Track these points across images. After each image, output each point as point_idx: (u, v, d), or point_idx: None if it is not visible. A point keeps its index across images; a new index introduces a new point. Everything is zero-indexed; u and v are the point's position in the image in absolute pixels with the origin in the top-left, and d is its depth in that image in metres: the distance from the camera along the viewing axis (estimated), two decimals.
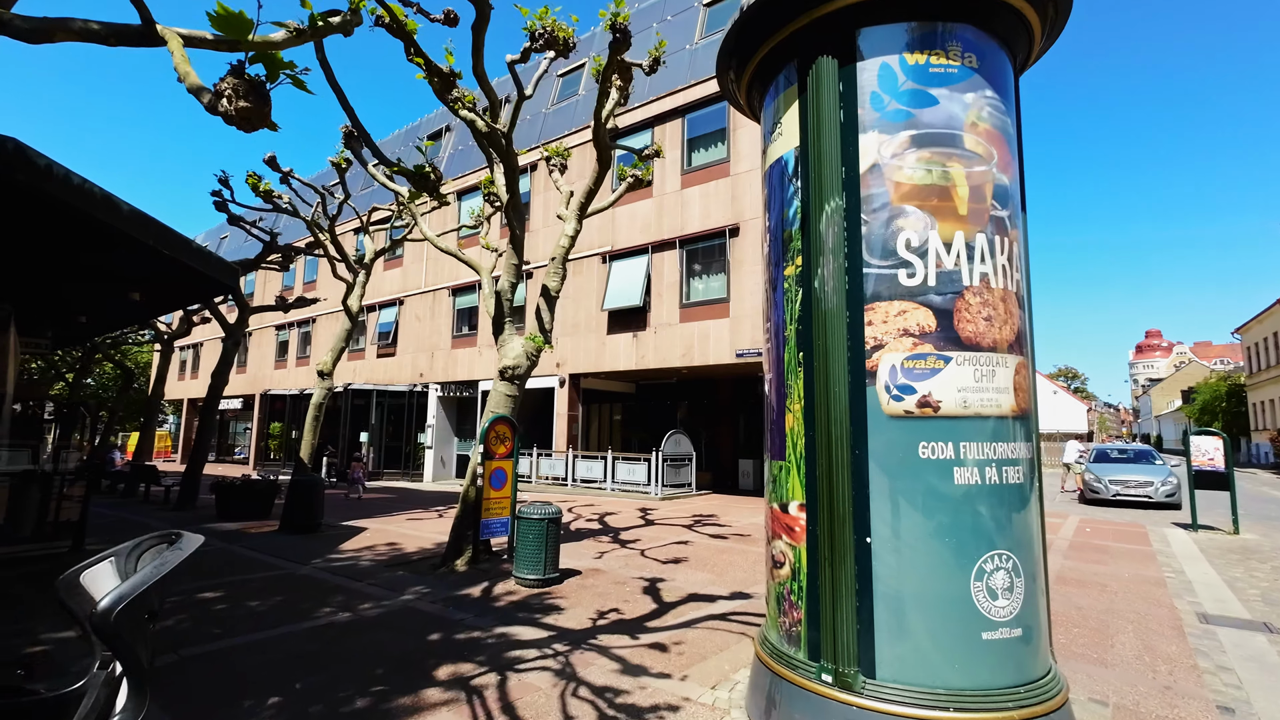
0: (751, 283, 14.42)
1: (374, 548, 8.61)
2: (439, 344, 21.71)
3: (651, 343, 16.03)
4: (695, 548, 8.73)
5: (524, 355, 8.01)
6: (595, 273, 17.58)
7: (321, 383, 10.69)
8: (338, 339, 11.00)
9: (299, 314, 28.51)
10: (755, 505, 14.02)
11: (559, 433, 17.68)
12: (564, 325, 18.05)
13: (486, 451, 7.49)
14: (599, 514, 12.30)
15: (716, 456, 18.80)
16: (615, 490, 15.98)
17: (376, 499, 15.25)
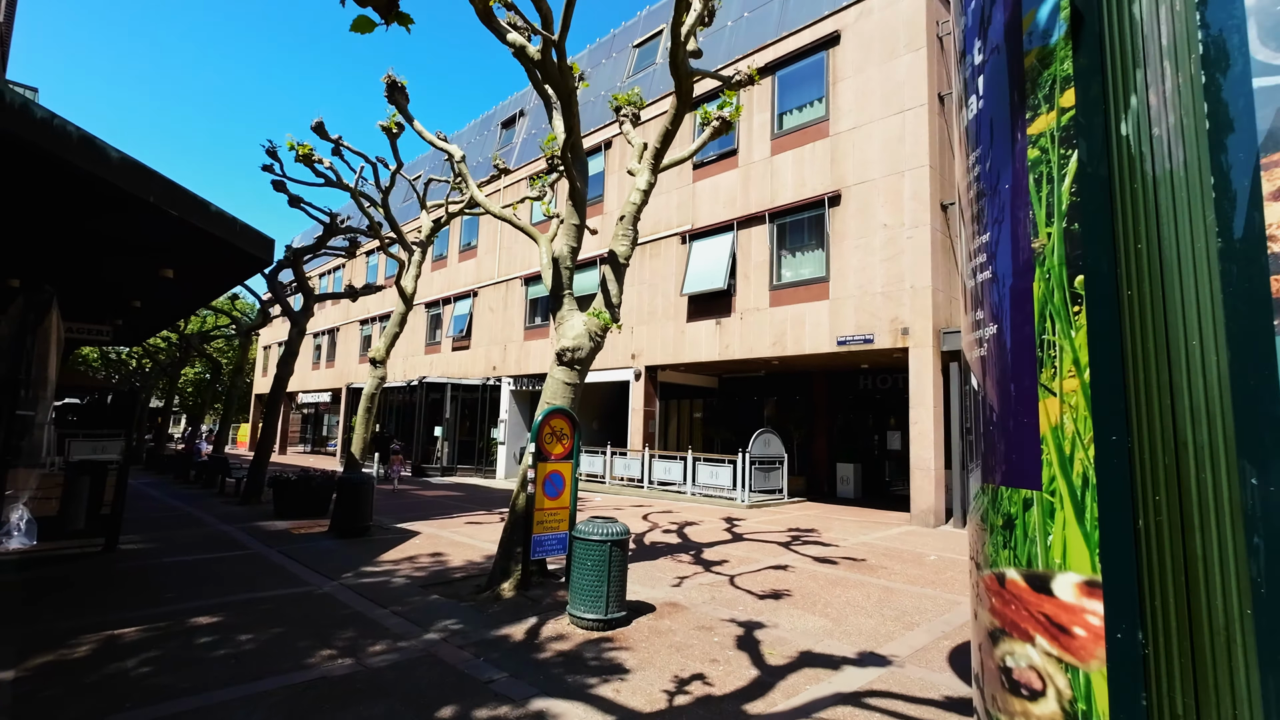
0: (857, 258, 12.36)
1: (416, 559, 7.44)
2: (511, 336, 20.87)
3: (737, 331, 14.27)
4: (798, 576, 6.97)
5: (586, 335, 6.56)
6: (673, 254, 16.00)
7: (374, 371, 9.75)
8: (391, 323, 10.04)
9: (379, 308, 28.75)
10: (860, 518, 11.98)
11: (634, 430, 16.26)
12: (639, 313, 16.60)
13: (539, 451, 6.09)
14: (677, 524, 10.73)
15: (810, 460, 16.75)
16: (696, 495, 14.35)
17: (441, 496, 14.42)
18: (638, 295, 16.72)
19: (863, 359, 13.75)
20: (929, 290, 11.29)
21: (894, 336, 11.66)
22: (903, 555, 8.37)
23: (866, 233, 12.29)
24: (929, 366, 11.17)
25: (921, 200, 11.59)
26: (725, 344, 14.49)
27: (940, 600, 6.15)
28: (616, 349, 17.03)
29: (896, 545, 9.11)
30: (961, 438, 11.16)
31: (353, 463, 9.56)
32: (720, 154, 15.27)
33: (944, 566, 7.73)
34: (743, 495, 13.45)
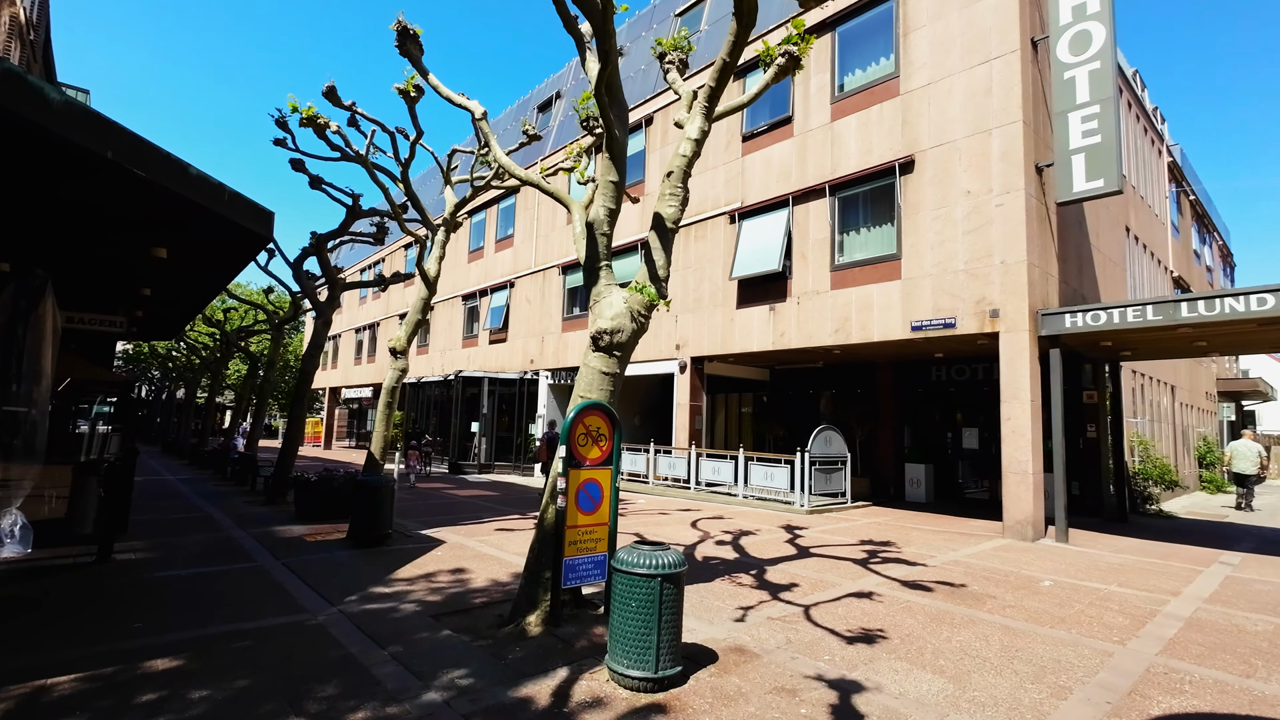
0: (935, 232, 10.85)
1: (434, 577, 6.45)
2: (549, 327, 19.93)
3: (793, 317, 12.90)
4: (889, 608, 5.68)
5: (627, 314, 5.41)
6: (721, 235, 14.70)
7: (394, 363, 8.85)
8: (413, 310, 9.11)
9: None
10: (941, 528, 10.51)
11: (679, 427, 15.08)
12: (683, 300, 15.37)
13: (571, 455, 4.98)
14: (731, 532, 9.51)
15: (874, 460, 15.24)
16: (749, 499, 13.08)
17: (474, 497, 13.55)
18: (682, 281, 15.49)
19: (939, 347, 12.20)
20: (1023, 266, 9.72)
21: (981, 320, 10.13)
22: (1009, 579, 6.96)
23: (946, 202, 10.75)
24: (1024, 354, 9.61)
25: (1013, 161, 10.00)
26: (780, 332, 13.14)
27: (1084, 649, 4.77)
28: (660, 339, 15.85)
29: (996, 565, 7.68)
30: (1065, 436, 9.59)
31: (372, 463, 8.68)
32: (772, 123, 13.87)
33: (1066, 596, 6.30)
34: (802, 499, 12.11)
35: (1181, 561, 8.31)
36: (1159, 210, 18.38)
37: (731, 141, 14.78)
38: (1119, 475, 12.34)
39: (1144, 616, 5.71)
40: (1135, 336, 9.78)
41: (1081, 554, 8.58)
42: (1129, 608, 5.97)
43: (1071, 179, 9.91)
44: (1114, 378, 12.67)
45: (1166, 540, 10.09)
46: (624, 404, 18.53)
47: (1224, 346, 10.58)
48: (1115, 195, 9.67)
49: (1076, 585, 6.78)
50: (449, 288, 26.06)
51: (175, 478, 16.78)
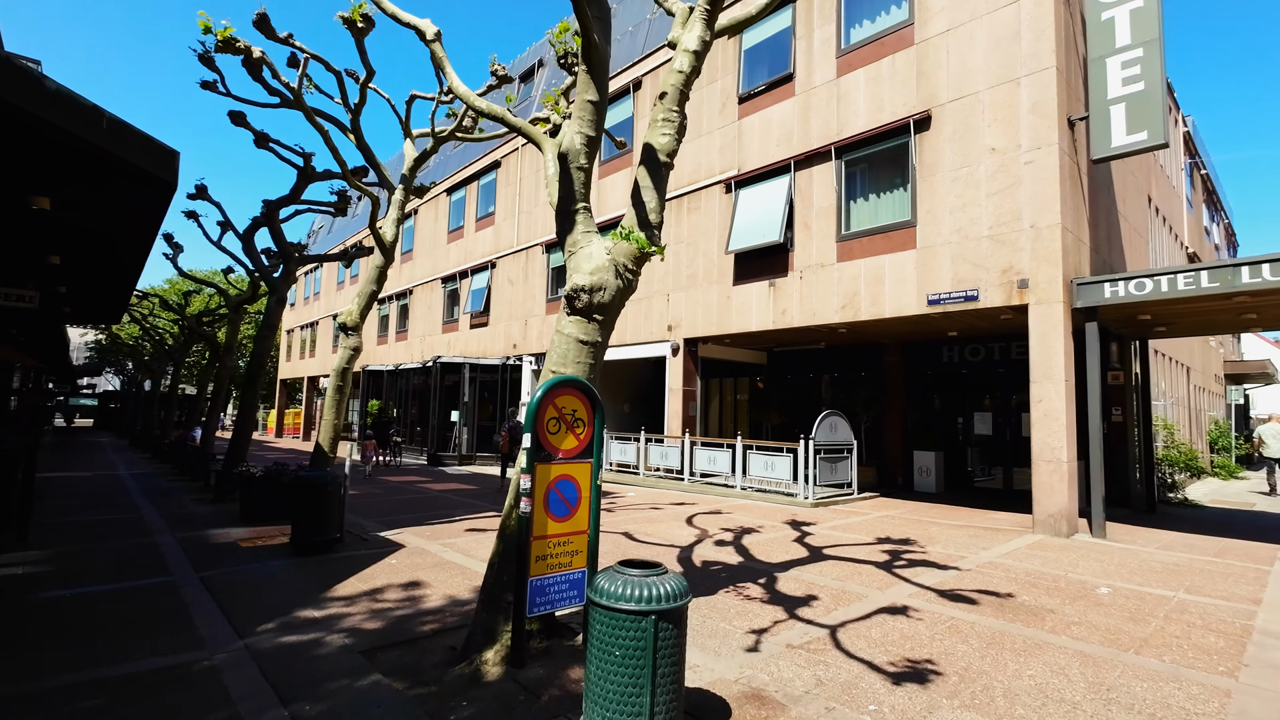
0: (955, 195, 9.78)
1: (381, 594, 5.35)
2: (533, 310, 18.75)
3: (795, 293, 11.82)
4: (931, 628, 4.65)
5: (610, 268, 4.30)
6: (716, 206, 13.56)
7: (345, 341, 7.68)
8: (365, 280, 7.92)
9: (395, 285, 26.98)
10: (961, 522, 9.53)
11: (671, 413, 14.00)
12: (676, 277, 14.24)
13: (538, 446, 3.88)
14: (732, 530, 8.47)
15: (880, 447, 14.26)
16: (748, 490, 12.05)
17: (449, 491, 12.42)
18: (674, 256, 14.36)
19: (956, 324, 11.18)
20: (1057, 230, 8.68)
21: (1007, 291, 9.09)
22: (1060, 586, 5.96)
23: (968, 161, 9.68)
24: (1058, 328, 8.60)
25: (1045, 114, 8.93)
26: (781, 309, 12.06)
27: (1191, 686, 3.76)
28: (650, 319, 14.74)
29: (1038, 568, 6.68)
30: (1104, 420, 8.60)
31: (320, 457, 7.53)
32: (771, 81, 12.71)
33: (1135, 608, 5.30)
34: (806, 491, 11.10)
35: (1240, 560, 7.36)
36: (1176, 183, 17.44)
37: (727, 104, 13.60)
38: (1147, 463, 11.43)
39: (1237, 634, 4.72)
40: (1181, 308, 8.79)
41: (1127, 551, 7.61)
42: (1214, 623, 4.98)
43: (1110, 132, 8.86)
44: (1142, 357, 11.72)
45: (1208, 534, 9.17)
46: (612, 390, 17.46)
47: (1277, 318, 9.65)
48: (1160, 148, 8.64)
49: (1140, 593, 5.79)
50: (428, 270, 24.78)
51: (130, 472, 15.51)
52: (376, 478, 15.01)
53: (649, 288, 14.85)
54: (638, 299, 15.09)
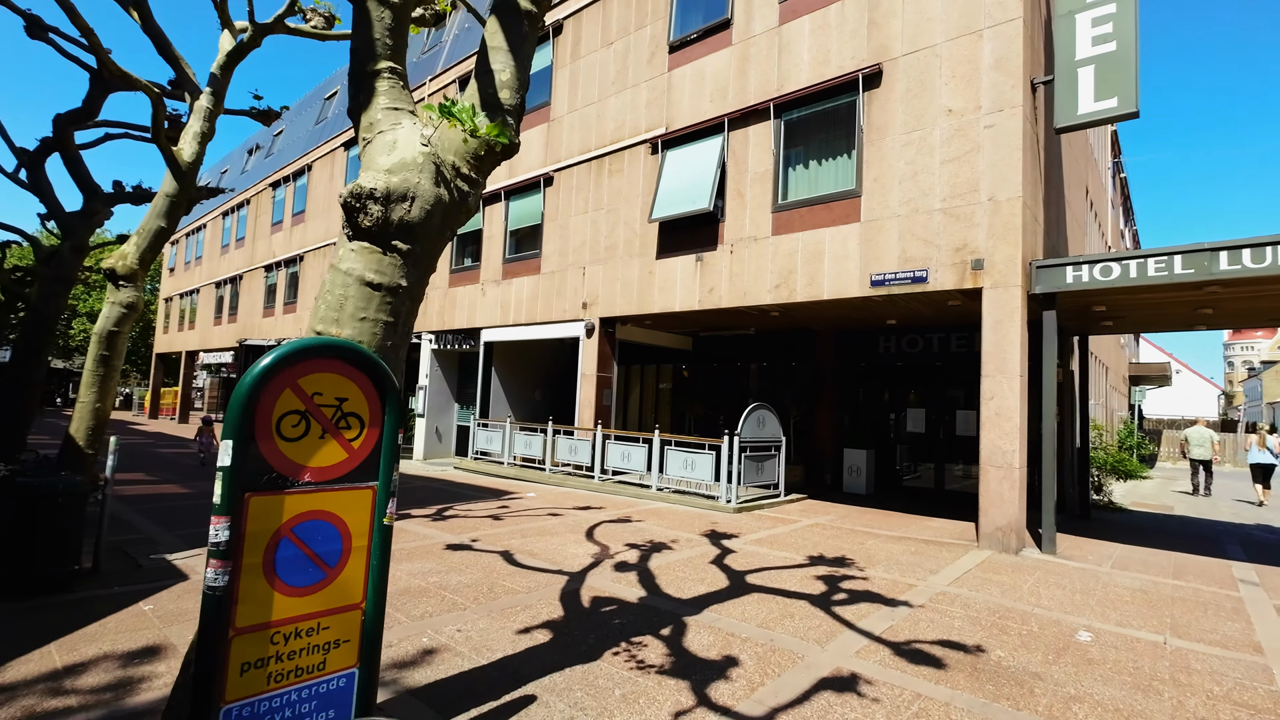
0: (906, 161, 8.59)
1: (83, 672, 3.44)
2: (435, 281, 16.56)
3: (725, 269, 10.42)
4: (893, 714, 3.26)
5: (425, 164, 2.60)
6: (641, 169, 11.96)
7: (114, 295, 5.56)
8: (151, 213, 5.80)
9: (292, 247, 23.91)
10: (895, 530, 8.44)
11: (583, 403, 12.37)
12: (595, 248, 12.56)
13: (250, 459, 2.13)
14: (641, 546, 6.95)
15: (810, 444, 13.18)
16: (665, 491, 10.62)
17: None
18: (592, 224, 12.66)
19: (896, 310, 10.10)
20: (1018, 203, 7.62)
21: (960, 272, 7.99)
22: (1033, 630, 4.77)
23: (921, 123, 8.50)
24: (1015, 316, 7.56)
25: (1009, 70, 7.83)
26: (708, 288, 10.63)
27: None
28: (564, 294, 13.01)
29: (999, 600, 5.53)
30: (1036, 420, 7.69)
31: (72, 453, 5.42)
32: (706, 28, 11.18)
33: (1134, 667, 4.14)
34: (729, 493, 9.77)
35: (1202, 582, 6.54)
36: (1104, 180, 17.34)
37: (656, 52, 11.98)
38: (1082, 466, 10.83)
39: (1270, 707, 3.61)
40: (1141, 298, 7.96)
41: (1084, 573, 6.65)
42: (1232, 689, 3.88)
43: (1077, 97, 7.86)
44: (1081, 353, 11.10)
45: (1152, 545, 8.49)
46: (524, 374, 15.65)
47: (1234, 315, 9.08)
48: (1130, 118, 7.70)
49: (1128, 639, 4.68)
50: (320, 234, 21.92)
51: None
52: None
53: (564, 259, 13.11)
54: (551, 271, 13.32)
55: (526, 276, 13.94)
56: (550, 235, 13.52)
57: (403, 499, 9.77)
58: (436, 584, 5.35)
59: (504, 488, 11.48)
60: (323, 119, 24.23)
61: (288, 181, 24.82)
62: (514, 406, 15.14)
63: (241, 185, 29.38)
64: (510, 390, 15.22)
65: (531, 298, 13.74)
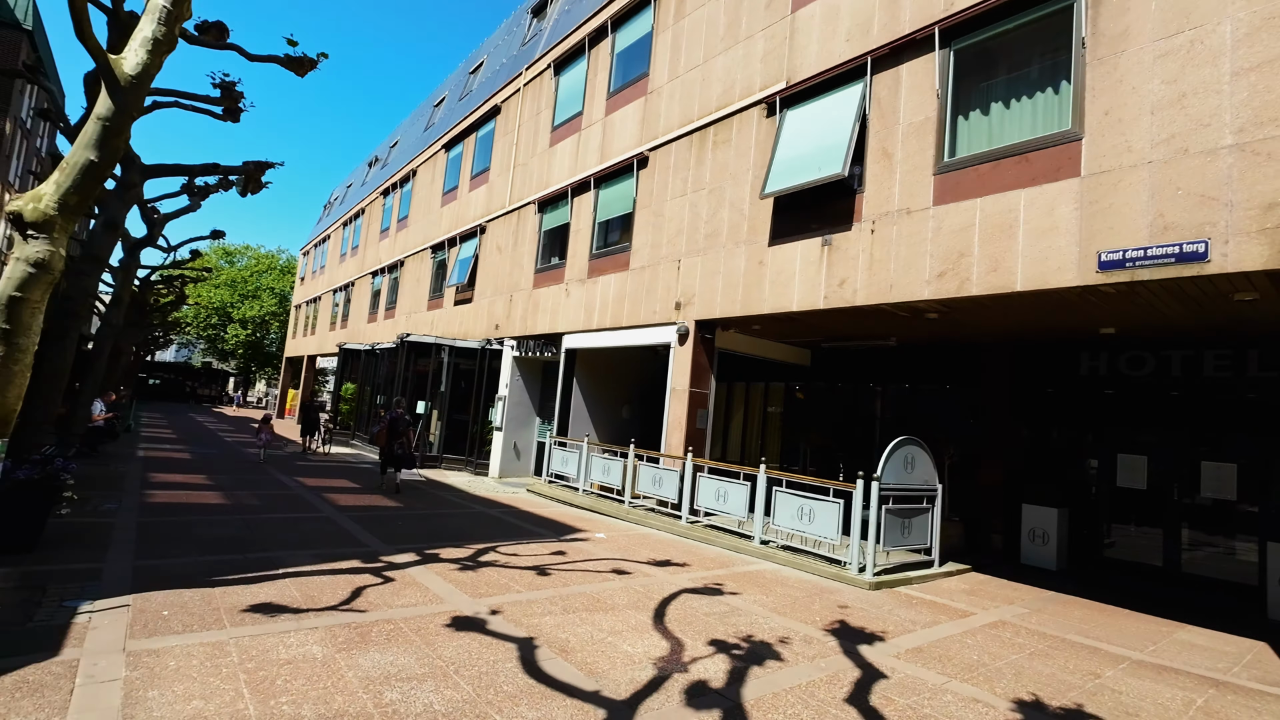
0: (1160, 77, 5.64)
1: None
2: (519, 282, 15.12)
3: (863, 253, 7.81)
4: None
5: None
6: (752, 136, 9.63)
7: (22, 248, 4.09)
8: (82, 141, 4.32)
9: (388, 255, 23.91)
10: (1134, 644, 5.36)
11: (672, 424, 10.11)
12: (692, 235, 10.36)
13: None
14: (737, 645, 4.53)
15: (971, 494, 9.99)
16: (773, 547, 8.07)
17: (376, 509, 8.77)
18: (690, 208, 10.48)
19: (1126, 311, 6.98)
20: None
21: (1274, 243, 4.91)
22: None
23: (1193, 17, 5.53)
24: None
25: None
26: (838, 279, 8.05)
27: None
28: (654, 293, 10.90)
29: None
30: None
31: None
32: None
33: None
34: (861, 558, 7.07)
35: None
36: None
37: None
38: None
39: None
40: None
41: None
42: None
43: None
44: None
45: None
46: (608, 387, 13.68)
47: None
48: None
49: None
50: (420, 238, 21.50)
51: None
52: (263, 463, 13.30)
53: (656, 251, 11.01)
54: (641, 266, 11.27)
55: (614, 274, 11.99)
56: (642, 224, 11.49)
57: (444, 532, 7.98)
58: (389, 707, 3.28)
59: (571, 522, 9.43)
60: (429, 125, 24.13)
61: (395, 189, 24.94)
62: (597, 424, 13.17)
63: (361, 197, 30.30)
64: (594, 405, 13.28)
65: (618, 298, 11.75)
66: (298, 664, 3.71)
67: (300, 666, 3.68)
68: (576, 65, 14.46)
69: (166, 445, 15.81)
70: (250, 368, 55.14)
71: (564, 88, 14.84)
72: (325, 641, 4.08)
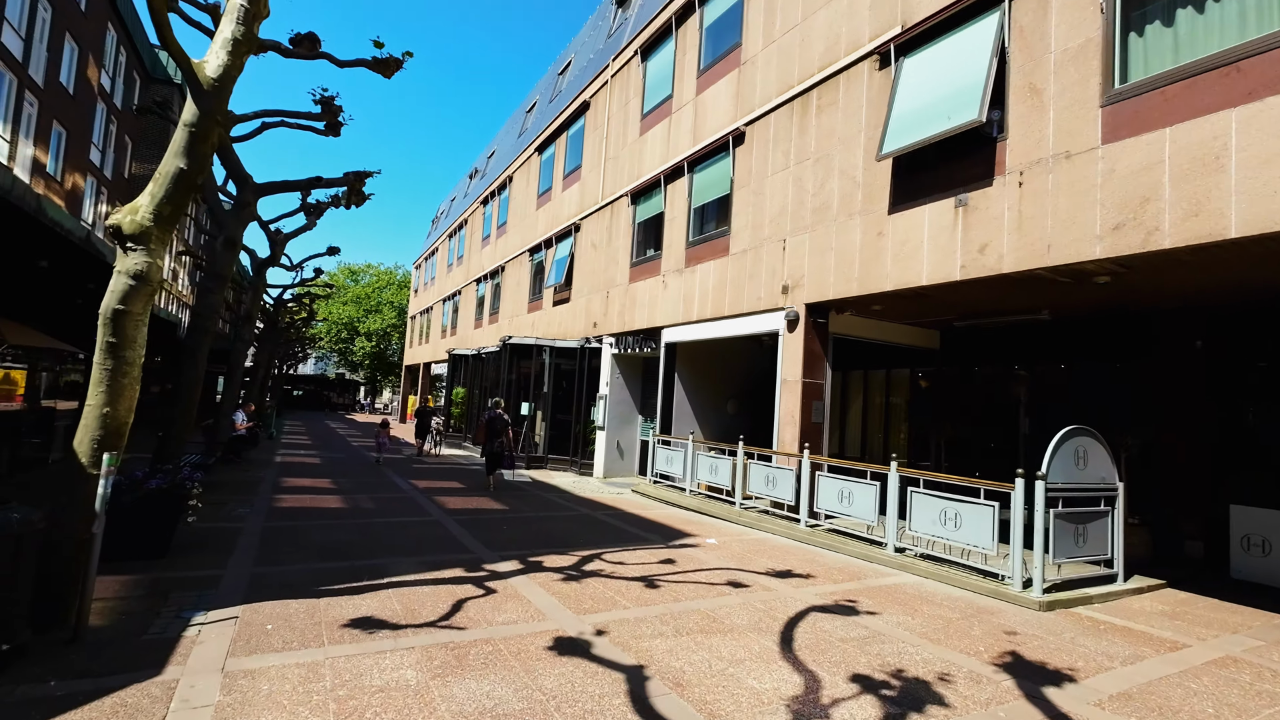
0: None
1: None
2: (615, 278, 14.79)
3: (1009, 211, 6.62)
4: None
5: None
6: (862, 93, 8.59)
7: (123, 261, 4.10)
8: (169, 154, 4.29)
9: (490, 261, 24.59)
10: None
11: (784, 418, 9.27)
12: (798, 211, 9.45)
13: None
14: (886, 680, 3.75)
15: (1157, 493, 8.35)
16: (911, 556, 7.07)
17: (481, 512, 8.72)
18: (794, 182, 9.58)
19: None
20: None
21: None
22: None
23: None
24: None
25: None
26: (978, 244, 6.90)
27: None
28: (758, 277, 10.10)
29: None
30: None
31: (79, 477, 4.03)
32: None
33: None
34: (1025, 570, 5.95)
35: None
36: None
37: None
38: None
39: None
40: None
41: None
42: None
43: None
44: None
45: None
46: (711, 381, 12.99)
47: None
48: None
49: None
50: (518, 242, 21.85)
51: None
52: (380, 465, 14.13)
53: (758, 233, 10.20)
54: (742, 250, 10.50)
55: (712, 261, 11.29)
56: (741, 205, 10.71)
57: (548, 537, 7.68)
58: None
59: (679, 525, 8.87)
60: (522, 131, 24.52)
61: (493, 197, 25.59)
62: (702, 421, 12.53)
63: (463, 208, 31.55)
64: (697, 401, 12.65)
65: (718, 285, 11.04)
66: (390, 692, 3.39)
67: (392, 696, 3.35)
68: (664, 48, 13.88)
69: (301, 451, 16.98)
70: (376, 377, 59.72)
71: (652, 73, 14.32)
72: (421, 665, 3.76)
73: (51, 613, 3.89)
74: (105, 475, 3.98)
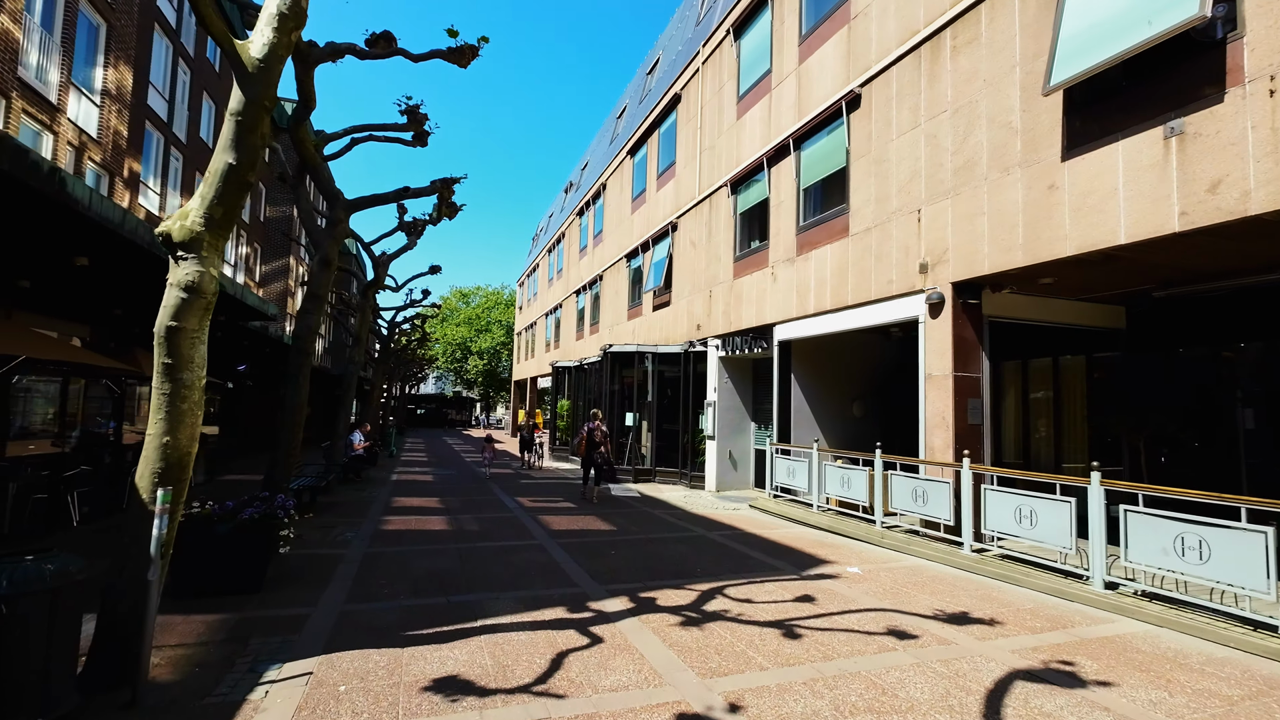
0: None
1: None
2: (718, 275, 13.74)
3: (1254, 130, 4.91)
4: None
5: None
6: (1014, 20, 7.04)
7: (176, 271, 3.67)
8: (218, 150, 3.82)
9: (589, 271, 24.33)
10: None
11: (932, 421, 7.78)
12: (931, 176, 7.97)
13: None
14: None
15: None
16: (1132, 594, 5.44)
17: (588, 534, 8.02)
18: (927, 142, 8.12)
19: None
20: None
21: None
22: None
23: None
24: None
25: None
26: (1210, 180, 5.21)
27: None
28: (886, 257, 8.69)
29: None
30: None
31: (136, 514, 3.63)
32: None
33: None
34: None
35: None
36: None
37: None
38: None
39: None
40: None
41: None
42: None
43: None
44: None
45: None
46: (832, 381, 11.54)
47: None
48: None
49: None
50: (614, 249, 21.37)
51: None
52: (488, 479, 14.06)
53: (883, 206, 8.79)
54: (865, 228, 9.12)
55: (828, 245, 9.97)
56: (860, 178, 9.34)
57: (661, 565, 6.75)
58: None
59: (810, 549, 7.63)
60: (614, 137, 24.14)
61: (589, 207, 25.40)
62: (824, 427, 11.15)
63: (560, 222, 31.80)
64: (817, 404, 11.28)
65: (838, 271, 9.70)
66: None
67: None
68: (759, 20, 12.75)
69: (416, 468, 17.30)
70: (489, 393, 62.22)
71: (746, 51, 13.21)
72: None
73: (113, 670, 3.46)
74: (160, 514, 3.52)
